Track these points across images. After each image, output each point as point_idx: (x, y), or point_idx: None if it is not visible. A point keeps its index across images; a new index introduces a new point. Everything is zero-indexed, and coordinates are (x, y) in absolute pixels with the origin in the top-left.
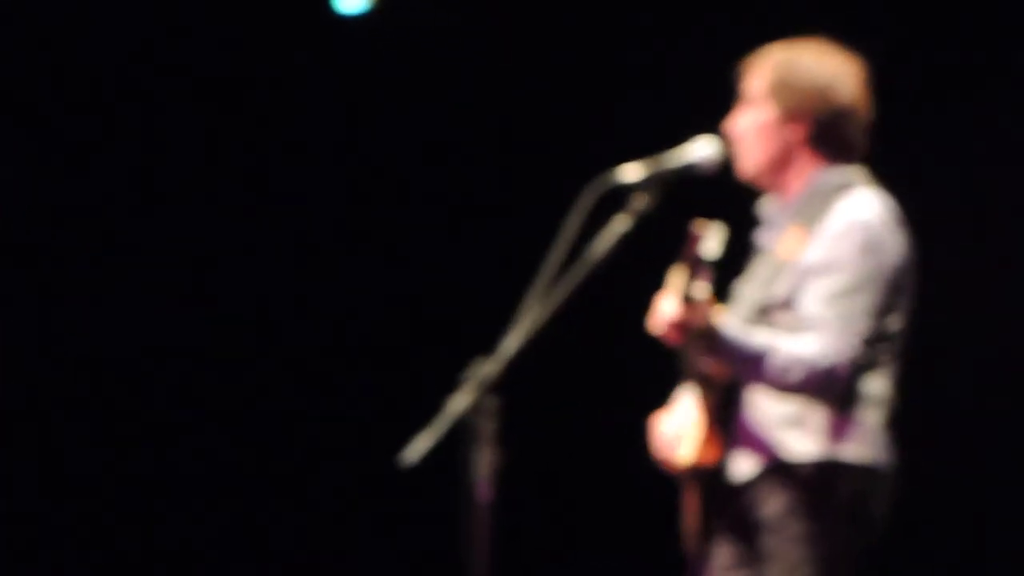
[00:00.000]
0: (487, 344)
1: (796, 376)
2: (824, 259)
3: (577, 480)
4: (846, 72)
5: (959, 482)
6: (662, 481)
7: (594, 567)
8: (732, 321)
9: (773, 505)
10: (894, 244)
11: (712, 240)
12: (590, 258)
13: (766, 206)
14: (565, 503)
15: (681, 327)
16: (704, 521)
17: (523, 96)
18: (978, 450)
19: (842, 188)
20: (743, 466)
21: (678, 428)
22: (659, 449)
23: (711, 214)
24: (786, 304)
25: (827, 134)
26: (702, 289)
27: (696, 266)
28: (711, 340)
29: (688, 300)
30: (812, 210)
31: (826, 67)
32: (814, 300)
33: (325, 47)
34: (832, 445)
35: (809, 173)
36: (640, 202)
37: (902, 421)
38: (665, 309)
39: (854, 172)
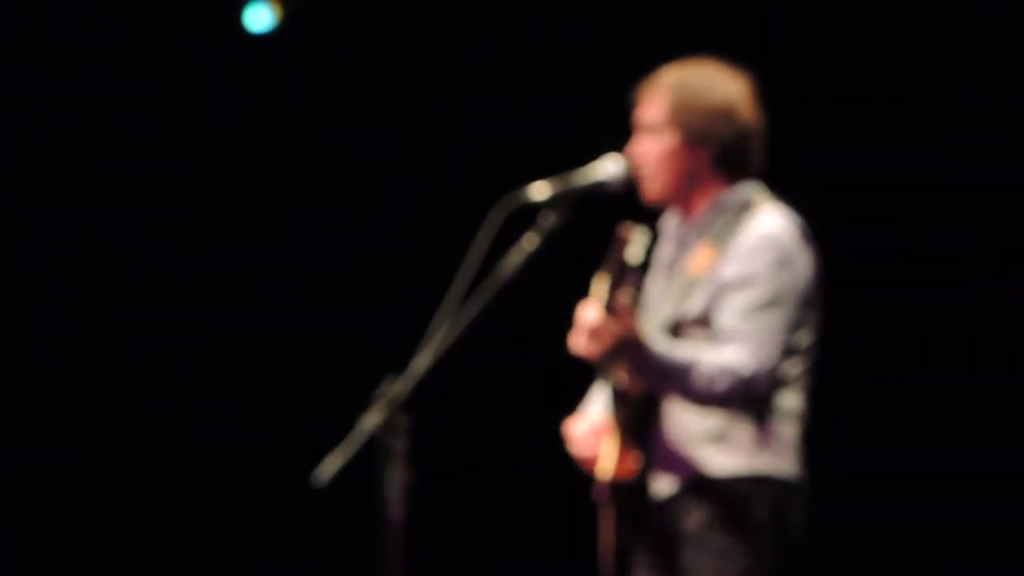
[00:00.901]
0: (398, 363)
1: (722, 386)
2: (739, 274)
3: (489, 497)
4: (741, 92)
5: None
6: (577, 497)
7: None
8: (654, 334)
9: (693, 520)
10: (804, 260)
11: (638, 244)
12: (499, 276)
13: (668, 222)
14: (478, 521)
15: (605, 335)
16: (621, 539)
17: (431, 114)
18: (882, 461)
19: (748, 205)
20: (663, 483)
21: (593, 437)
22: (579, 449)
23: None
24: (701, 320)
25: (729, 155)
26: (627, 295)
27: (622, 271)
28: (635, 350)
29: (612, 307)
30: (720, 228)
31: (723, 89)
32: (732, 314)
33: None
34: (752, 459)
35: (713, 192)
36: (548, 220)
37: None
38: (587, 317)
39: (755, 188)
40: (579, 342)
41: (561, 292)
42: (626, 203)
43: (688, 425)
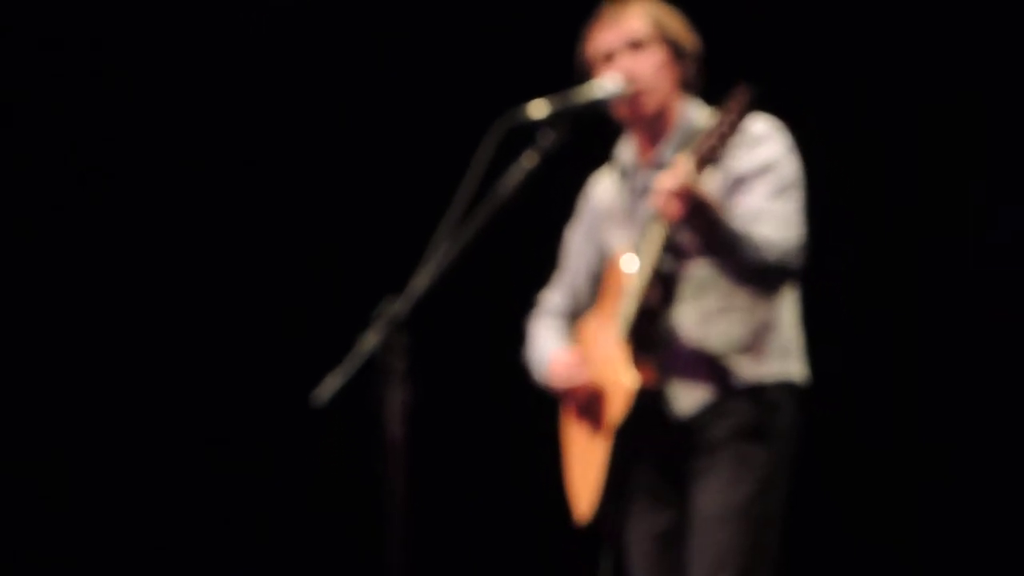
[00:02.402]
0: (397, 282)
1: (770, 256)
2: (756, 163)
3: (488, 417)
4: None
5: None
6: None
7: (505, 504)
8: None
9: (717, 430)
10: (799, 156)
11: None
12: (498, 195)
13: (626, 152)
14: (476, 438)
15: (688, 197)
16: (623, 470)
17: (425, 33)
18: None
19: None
20: (689, 397)
21: (585, 364)
22: (569, 378)
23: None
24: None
25: (695, 70)
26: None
27: (731, 129)
28: (709, 215)
29: (699, 167)
30: (696, 139)
31: (677, 14)
32: (760, 197)
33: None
34: (783, 365)
35: (676, 109)
36: (547, 138)
37: None
38: (671, 180)
39: (701, 104)
40: (662, 203)
41: (558, 211)
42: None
43: (712, 338)
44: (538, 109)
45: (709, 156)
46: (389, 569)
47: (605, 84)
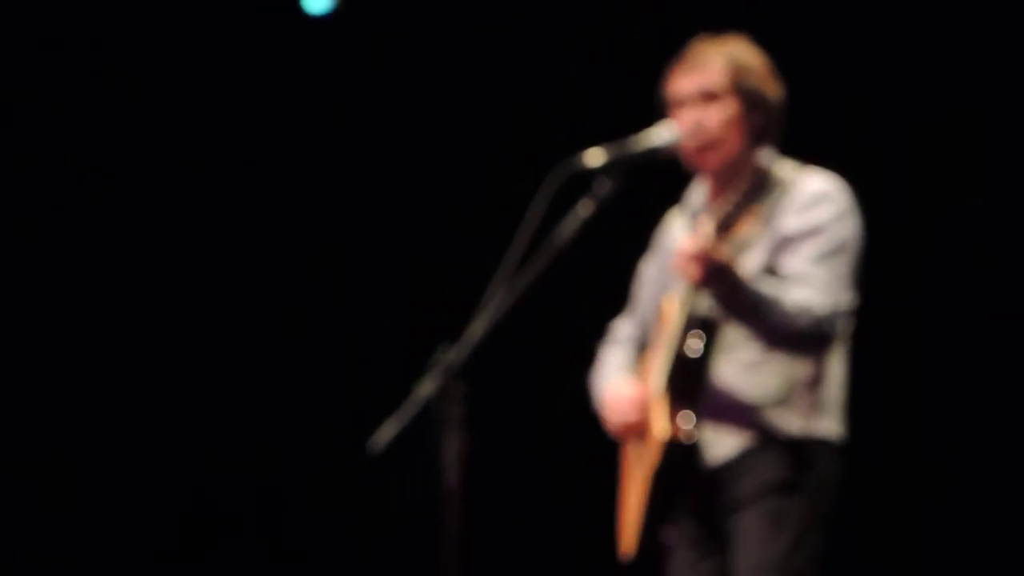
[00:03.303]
0: (454, 330)
1: (802, 323)
2: (804, 225)
3: (544, 463)
4: (771, 66)
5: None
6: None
7: (560, 551)
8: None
9: (749, 483)
10: (857, 217)
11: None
12: (555, 243)
13: (697, 195)
14: (533, 486)
15: (706, 261)
16: (657, 507)
17: (486, 85)
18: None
19: (785, 167)
20: (721, 446)
21: (639, 401)
22: (623, 415)
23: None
24: (764, 273)
25: (772, 123)
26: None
27: (746, 198)
28: (730, 278)
29: (719, 235)
30: (764, 192)
31: (762, 59)
32: (803, 260)
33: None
34: (813, 422)
35: (755, 158)
36: (603, 187)
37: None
38: (690, 244)
39: (774, 155)
40: (682, 266)
41: (615, 258)
42: (674, 170)
43: (749, 389)
44: (594, 157)
45: (727, 222)
46: None
47: (662, 133)
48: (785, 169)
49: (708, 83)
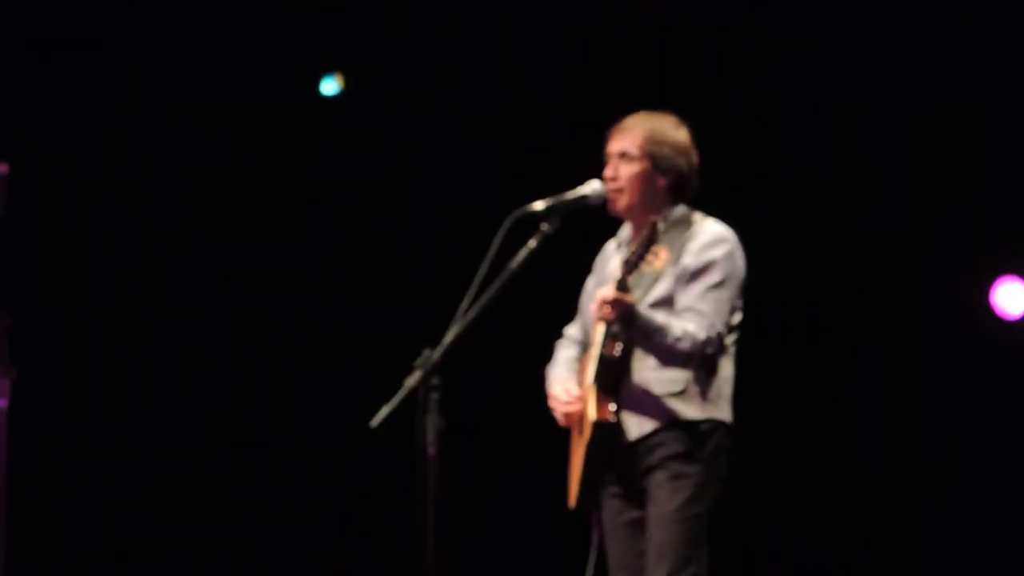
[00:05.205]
0: (434, 336)
1: (685, 345)
2: (698, 264)
3: (506, 439)
4: (689, 138)
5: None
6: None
7: (520, 507)
8: (642, 306)
9: (658, 454)
10: (742, 257)
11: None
12: (509, 269)
13: (623, 232)
14: (496, 456)
15: (616, 305)
16: (591, 472)
17: (461, 152)
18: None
19: (690, 218)
20: (636, 426)
21: (575, 398)
22: (563, 406)
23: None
24: (666, 302)
25: (681, 183)
26: (628, 279)
27: (646, 249)
28: (632, 316)
29: (622, 286)
30: (673, 235)
31: (680, 134)
32: (692, 295)
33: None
34: (706, 409)
35: (665, 209)
36: (546, 227)
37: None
38: (604, 292)
39: (688, 208)
40: (598, 309)
41: (555, 281)
42: (599, 215)
43: (655, 383)
44: (538, 205)
45: (635, 261)
46: (425, 547)
47: (591, 185)
48: (693, 217)
49: (622, 146)
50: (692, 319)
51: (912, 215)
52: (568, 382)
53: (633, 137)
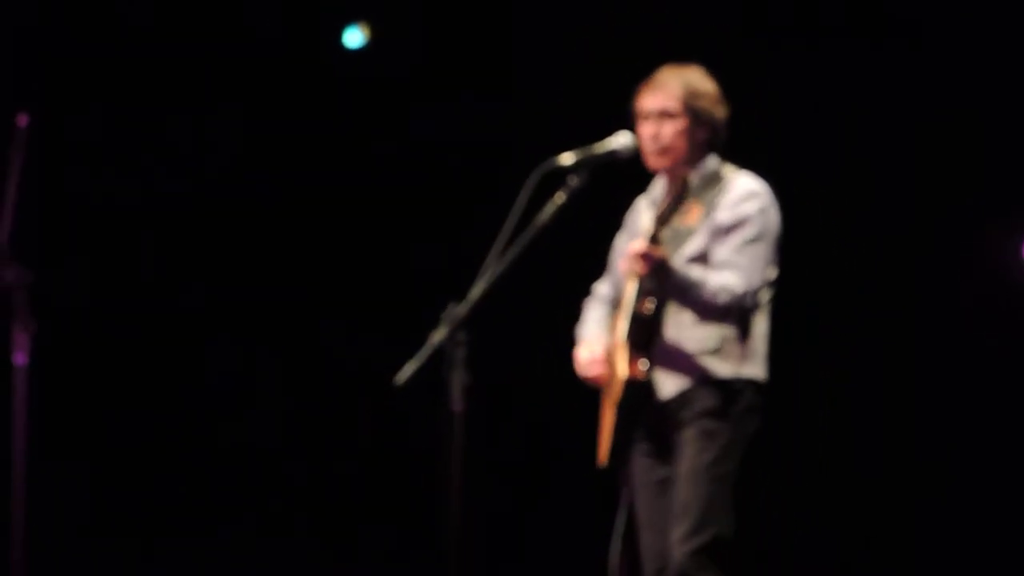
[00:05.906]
0: (460, 292)
1: (723, 300)
2: (732, 219)
3: (532, 394)
4: (719, 90)
5: None
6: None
7: (546, 461)
8: (677, 260)
9: (689, 411)
10: (776, 211)
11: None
12: (536, 225)
13: (657, 187)
14: (524, 413)
15: (648, 259)
16: (622, 430)
17: (486, 108)
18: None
19: (724, 171)
20: (670, 384)
21: (605, 354)
22: (587, 369)
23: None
24: (700, 258)
25: (717, 134)
26: (662, 232)
27: (678, 204)
28: (666, 270)
29: (655, 239)
30: (705, 190)
31: (712, 85)
32: (728, 249)
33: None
34: (741, 367)
35: (699, 161)
36: (574, 181)
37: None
38: (636, 246)
39: (718, 159)
40: (629, 263)
41: (582, 237)
42: (630, 168)
43: (690, 340)
44: (566, 158)
45: (667, 215)
46: (451, 505)
47: (619, 139)
48: (725, 171)
49: (665, 106)
50: (729, 273)
51: (912, 215)
52: (594, 344)
53: (670, 93)
